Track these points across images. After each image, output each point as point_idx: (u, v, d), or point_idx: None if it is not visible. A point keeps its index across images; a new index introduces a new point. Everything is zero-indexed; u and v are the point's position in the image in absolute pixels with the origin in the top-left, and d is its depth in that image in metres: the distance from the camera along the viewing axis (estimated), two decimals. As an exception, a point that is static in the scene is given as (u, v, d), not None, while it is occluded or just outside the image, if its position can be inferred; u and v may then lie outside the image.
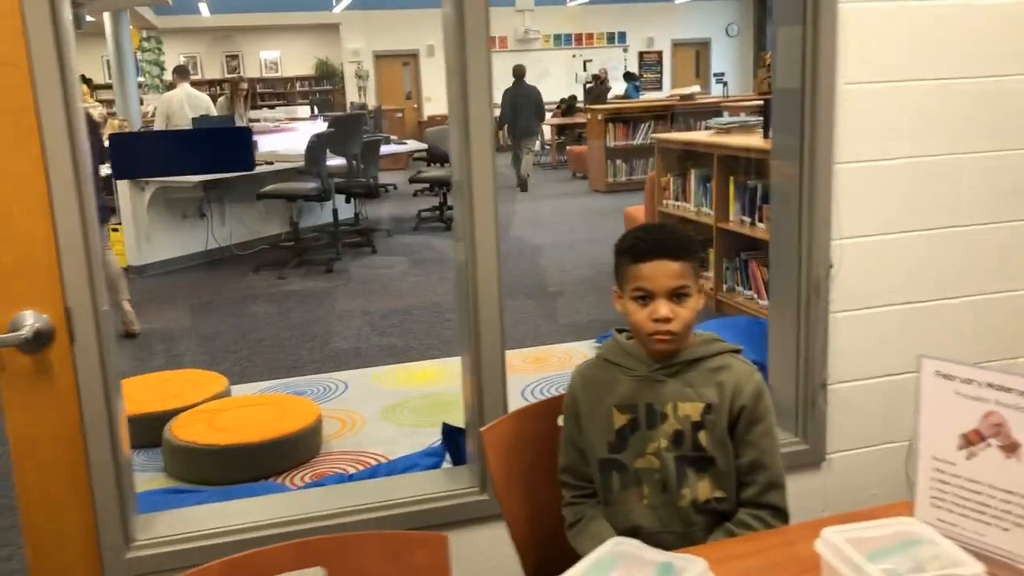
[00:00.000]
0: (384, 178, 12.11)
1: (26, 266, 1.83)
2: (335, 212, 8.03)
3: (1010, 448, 1.29)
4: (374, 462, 3.48)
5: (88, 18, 11.49)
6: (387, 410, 4.06)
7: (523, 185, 12.15)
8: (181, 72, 9.03)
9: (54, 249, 1.85)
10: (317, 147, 7.28)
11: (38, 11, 1.74)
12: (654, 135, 6.73)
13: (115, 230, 7.65)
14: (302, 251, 7.60)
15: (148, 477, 3.50)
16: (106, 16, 13.26)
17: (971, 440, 1.33)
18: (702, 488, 1.64)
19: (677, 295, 1.62)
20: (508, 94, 12.06)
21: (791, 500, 2.50)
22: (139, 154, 1.87)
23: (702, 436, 1.64)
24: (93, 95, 11.22)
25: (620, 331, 1.75)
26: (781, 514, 1.71)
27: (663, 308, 1.60)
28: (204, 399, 3.90)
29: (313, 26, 19.59)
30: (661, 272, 1.61)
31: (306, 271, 7.22)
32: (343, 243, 7.80)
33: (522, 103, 12.04)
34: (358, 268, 7.38)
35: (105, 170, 7.25)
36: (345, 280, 6.95)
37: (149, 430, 3.65)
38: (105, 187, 7.93)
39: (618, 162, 11.89)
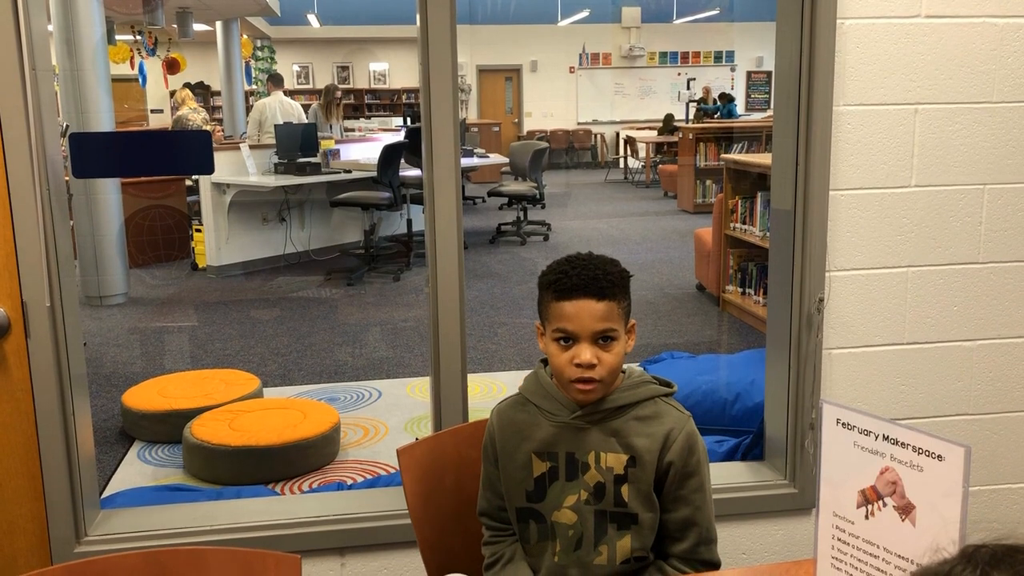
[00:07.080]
0: (474, 191, 12.17)
1: (-16, 258, 1.88)
2: (409, 222, 8.10)
3: (904, 509, 1.15)
4: (383, 472, 3.46)
5: (197, 26, 12.00)
6: (412, 421, 4.04)
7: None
8: (275, 80, 9.25)
9: (12, 243, 1.89)
10: (389, 157, 7.35)
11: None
12: (724, 156, 6.52)
13: (198, 231, 7.91)
14: (372, 259, 7.68)
15: (167, 473, 3.57)
16: (218, 25, 13.85)
17: (868, 498, 1.20)
18: (622, 546, 1.52)
19: (603, 338, 1.47)
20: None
21: (779, 545, 2.37)
22: (99, 154, 1.89)
23: (625, 490, 1.51)
24: (199, 102, 11.64)
25: (546, 363, 1.60)
26: (713, 566, 1.58)
27: (586, 353, 1.45)
28: (233, 399, 3.95)
29: (421, 40, 19.93)
30: (586, 313, 1.46)
31: (374, 279, 7.30)
32: (415, 253, 7.84)
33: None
34: (424, 279, 7.42)
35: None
36: (408, 290, 6.99)
37: (176, 427, 3.72)
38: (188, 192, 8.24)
39: (708, 182, 11.62)
